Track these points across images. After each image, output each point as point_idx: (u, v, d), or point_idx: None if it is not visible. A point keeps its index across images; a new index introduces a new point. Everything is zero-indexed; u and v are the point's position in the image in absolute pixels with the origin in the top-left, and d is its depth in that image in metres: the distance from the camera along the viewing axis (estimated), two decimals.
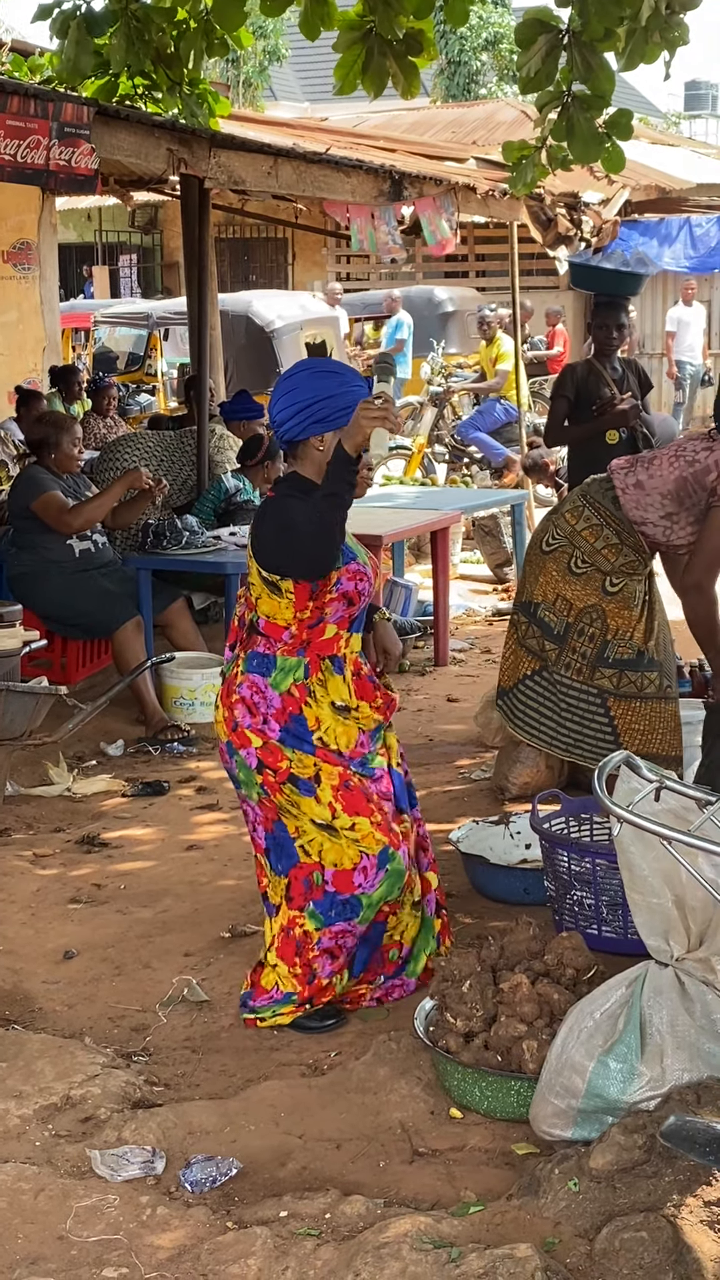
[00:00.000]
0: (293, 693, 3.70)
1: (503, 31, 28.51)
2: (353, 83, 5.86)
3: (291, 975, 3.76)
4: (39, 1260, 2.81)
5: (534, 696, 4.45)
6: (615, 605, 4.31)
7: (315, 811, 3.70)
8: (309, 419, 3.63)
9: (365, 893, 3.71)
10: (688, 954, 3.09)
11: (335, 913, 3.72)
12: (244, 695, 3.72)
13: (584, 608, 4.34)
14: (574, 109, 5.93)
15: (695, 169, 16.34)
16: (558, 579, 4.37)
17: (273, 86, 29.98)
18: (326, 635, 3.71)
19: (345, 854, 3.69)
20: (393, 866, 3.72)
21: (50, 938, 4.43)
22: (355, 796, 3.70)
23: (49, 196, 11.56)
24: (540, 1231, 2.73)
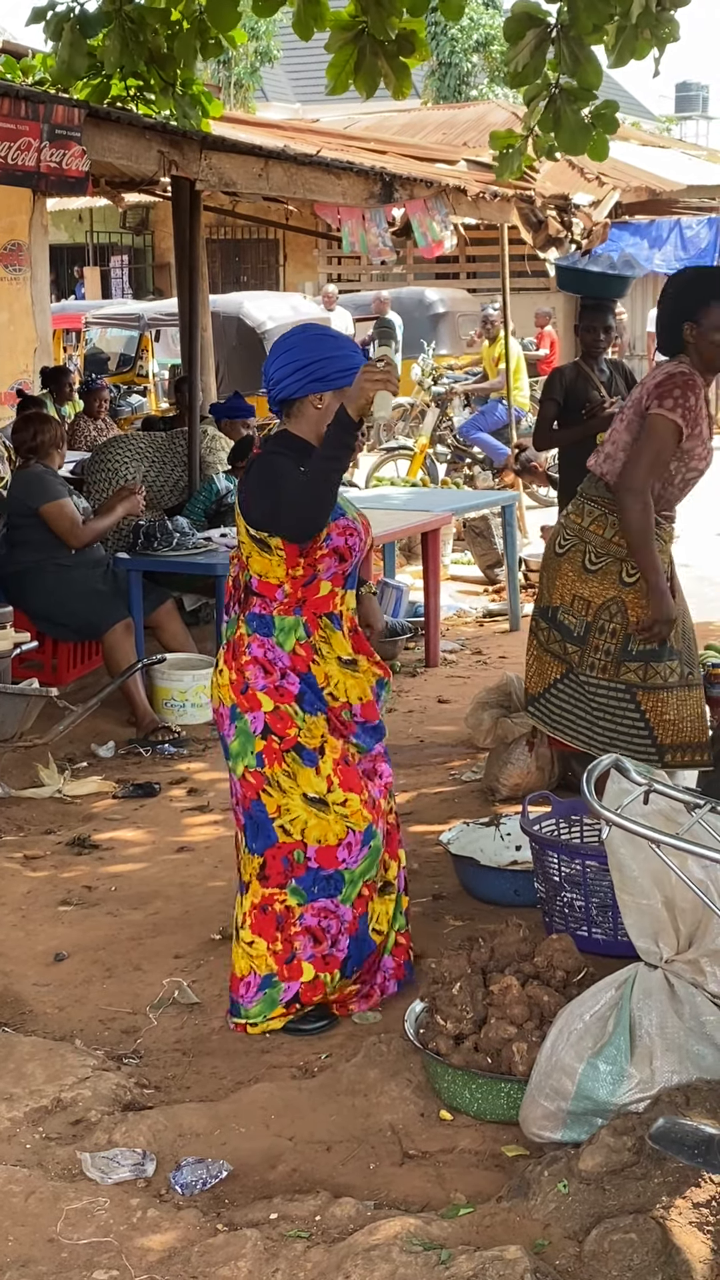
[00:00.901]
0: (299, 651, 3.70)
1: (494, 33, 28.54)
2: (345, 82, 5.89)
3: (270, 953, 3.74)
4: (29, 1263, 2.81)
5: (565, 700, 4.44)
6: (634, 595, 4.28)
7: (312, 784, 3.70)
8: (308, 377, 3.64)
9: (349, 868, 3.72)
10: (677, 956, 3.09)
11: (319, 889, 3.73)
12: (257, 655, 3.70)
13: (602, 603, 4.31)
14: (561, 101, 5.97)
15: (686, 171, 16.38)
16: (574, 579, 4.36)
17: (264, 88, 29.99)
18: (321, 593, 3.71)
19: (331, 829, 3.70)
20: (375, 844, 3.76)
21: (41, 940, 4.42)
22: (351, 773, 3.73)
23: (40, 198, 11.54)
24: (530, 1233, 2.74)
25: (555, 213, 10.70)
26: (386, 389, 3.46)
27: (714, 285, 4.35)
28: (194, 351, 8.47)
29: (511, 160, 6.50)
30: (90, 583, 6.54)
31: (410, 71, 5.98)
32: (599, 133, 6.13)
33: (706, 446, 4.36)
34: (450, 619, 8.79)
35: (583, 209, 11.29)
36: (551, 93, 5.96)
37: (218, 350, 12.28)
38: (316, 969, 3.74)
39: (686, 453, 4.29)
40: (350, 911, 3.76)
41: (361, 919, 3.79)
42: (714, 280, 4.43)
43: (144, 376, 16.51)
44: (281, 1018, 3.78)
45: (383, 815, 3.82)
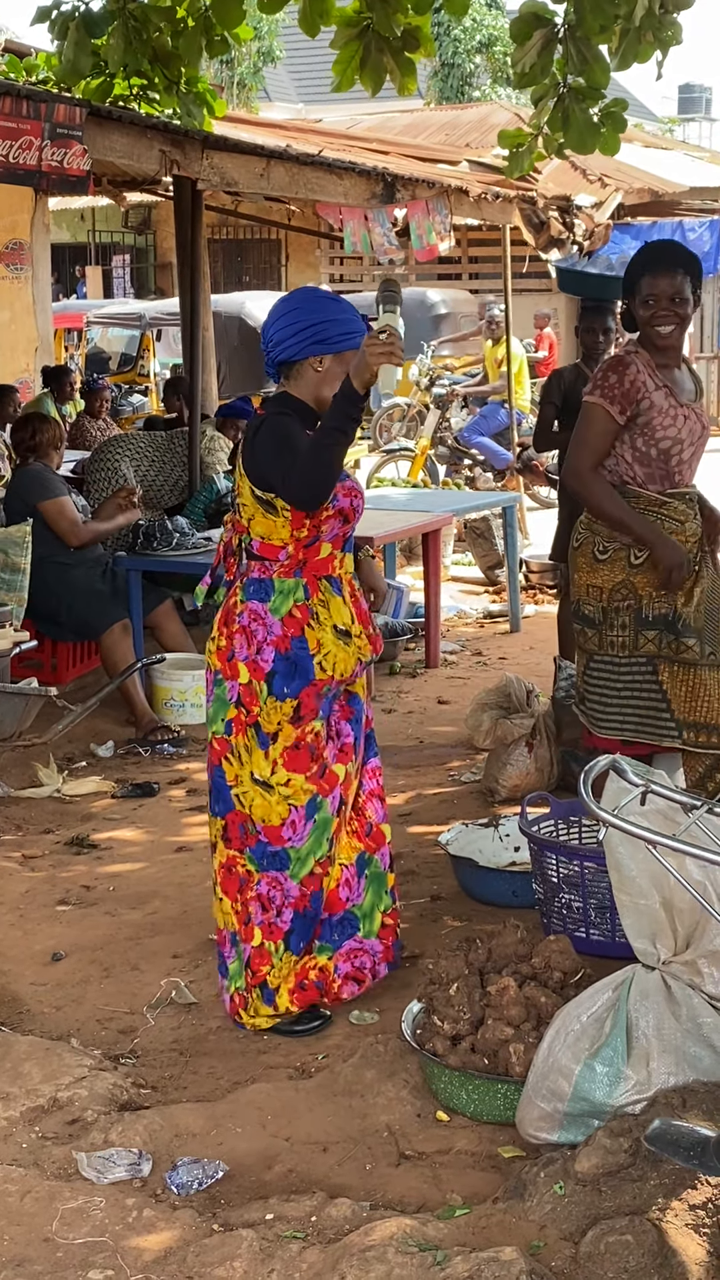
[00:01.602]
0: (294, 614, 3.68)
1: (497, 34, 28.56)
2: (351, 79, 5.90)
3: (234, 912, 3.79)
4: (25, 1262, 2.80)
5: (596, 689, 4.42)
6: (643, 576, 4.27)
7: (259, 766, 3.72)
8: (310, 339, 3.63)
9: (294, 845, 3.73)
10: (674, 957, 3.09)
11: (267, 861, 3.75)
12: (244, 623, 3.70)
13: (613, 588, 4.31)
14: (570, 100, 5.98)
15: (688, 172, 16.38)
16: (587, 570, 4.37)
17: (267, 88, 29.99)
18: (322, 554, 3.70)
19: (274, 810, 3.72)
20: (320, 816, 3.74)
21: (39, 939, 4.42)
22: (300, 755, 3.71)
23: (42, 197, 11.56)
24: (526, 1235, 2.73)
25: (557, 214, 10.69)
26: (390, 361, 3.41)
27: (647, 259, 4.38)
28: (195, 351, 8.46)
29: (521, 159, 6.52)
30: (89, 582, 6.54)
31: (415, 67, 5.99)
32: (609, 130, 6.14)
33: (673, 414, 4.31)
34: (450, 620, 8.79)
35: (585, 210, 11.29)
36: (560, 92, 5.97)
37: (219, 350, 12.29)
38: (263, 935, 3.76)
39: (644, 425, 4.28)
40: (296, 888, 3.76)
41: (314, 896, 3.78)
42: (649, 252, 4.44)
43: (145, 376, 16.52)
44: (269, 1018, 3.78)
45: (336, 782, 3.78)
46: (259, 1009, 3.78)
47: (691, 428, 4.34)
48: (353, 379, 3.46)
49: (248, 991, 3.79)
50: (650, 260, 4.36)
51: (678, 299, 4.30)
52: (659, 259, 4.36)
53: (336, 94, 6.32)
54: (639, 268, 4.35)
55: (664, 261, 4.34)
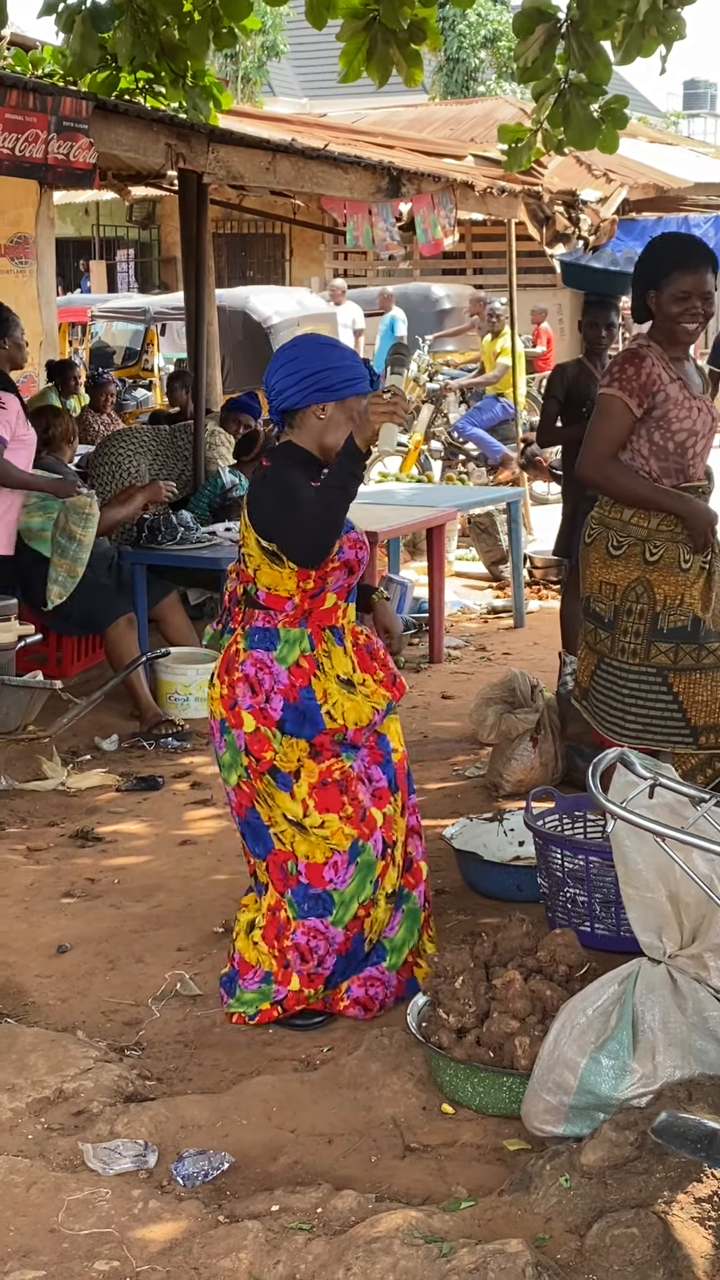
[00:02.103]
0: (301, 664, 3.68)
1: (501, 29, 28.54)
2: (357, 70, 5.91)
3: (271, 955, 3.78)
4: (31, 1253, 2.81)
5: (602, 690, 4.39)
6: (659, 574, 4.25)
7: (288, 807, 3.70)
8: (311, 387, 3.63)
9: (337, 888, 3.71)
10: (680, 951, 3.09)
11: (308, 906, 3.72)
12: (247, 673, 3.68)
13: (628, 585, 4.26)
14: (571, 96, 5.98)
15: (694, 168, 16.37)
16: (600, 566, 4.33)
17: (271, 82, 29.96)
18: (326, 605, 3.70)
19: (316, 849, 3.71)
20: (363, 859, 3.72)
21: (44, 932, 4.43)
22: (330, 792, 3.69)
23: (46, 190, 11.54)
24: (531, 1227, 2.74)
25: (563, 209, 10.69)
26: (393, 421, 3.45)
27: (677, 252, 4.33)
28: (200, 346, 8.46)
29: (520, 154, 6.52)
30: (95, 576, 6.53)
31: (422, 59, 5.99)
32: (608, 127, 6.13)
33: (687, 407, 4.31)
34: (454, 615, 8.78)
35: (590, 205, 11.29)
36: (561, 88, 5.97)
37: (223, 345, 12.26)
38: (302, 984, 3.75)
39: (661, 419, 4.27)
40: (341, 934, 3.74)
41: (356, 939, 3.77)
42: (679, 247, 4.40)
43: (149, 370, 16.50)
44: (272, 1014, 3.78)
45: (376, 825, 3.76)
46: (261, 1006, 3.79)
47: (705, 420, 4.34)
48: (355, 437, 3.50)
49: (262, 1019, 3.78)
50: (682, 255, 4.30)
51: (708, 296, 4.30)
52: (690, 254, 4.31)
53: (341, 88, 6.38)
54: (669, 262, 4.28)
55: (695, 257, 4.30)
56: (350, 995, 3.81)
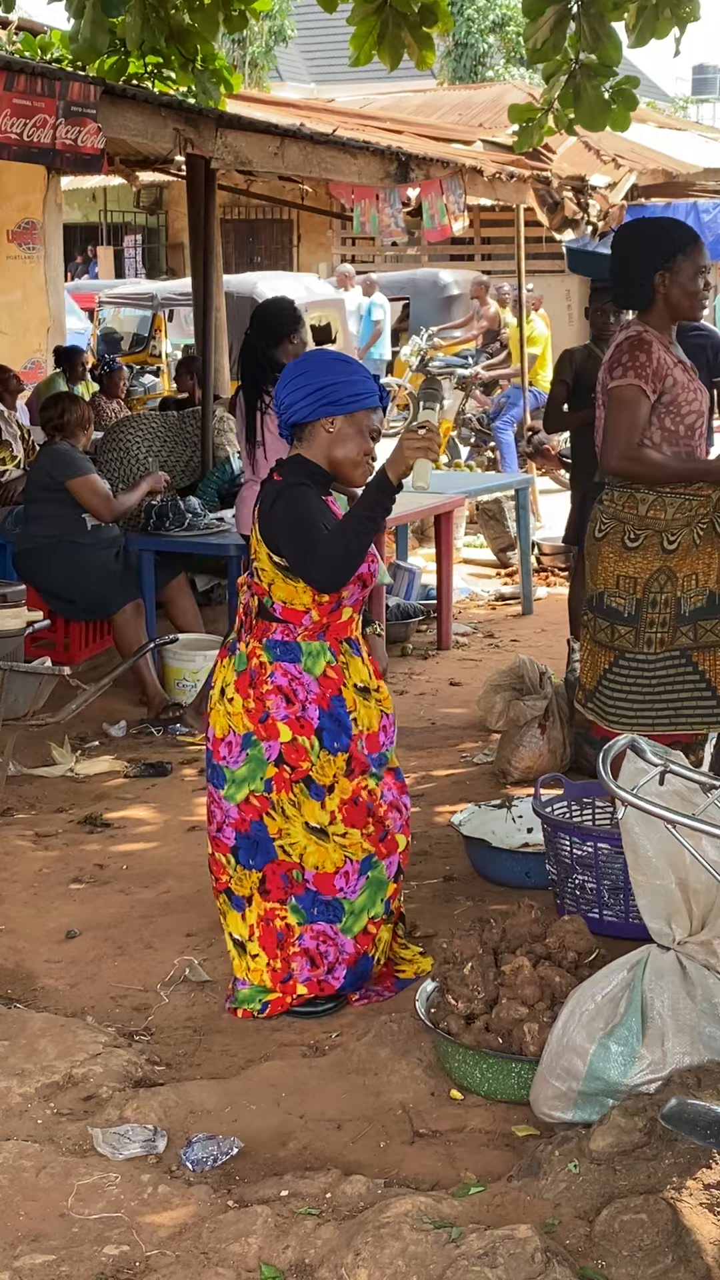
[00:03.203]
0: (329, 674, 3.68)
1: (510, 13, 28.42)
2: (368, 54, 5.90)
3: (269, 969, 3.74)
4: (41, 1237, 2.82)
5: (619, 686, 4.31)
6: (678, 559, 4.22)
7: (315, 815, 3.69)
8: (320, 401, 3.63)
9: (347, 898, 3.71)
10: (690, 937, 3.09)
11: (318, 911, 3.72)
12: (280, 684, 3.67)
13: (650, 577, 4.22)
14: (581, 77, 5.97)
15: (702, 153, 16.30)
16: (615, 560, 4.27)
17: (279, 67, 29.88)
18: (343, 618, 3.71)
19: (329, 857, 3.70)
20: (374, 874, 3.73)
21: (52, 917, 4.43)
22: (359, 811, 3.70)
23: (54, 176, 11.54)
24: (540, 1213, 2.74)
25: (571, 194, 10.65)
26: (427, 457, 3.47)
27: (683, 231, 4.35)
28: (207, 332, 8.45)
29: (531, 134, 6.52)
30: (103, 561, 6.54)
31: (433, 41, 5.99)
32: (619, 108, 6.13)
33: (692, 389, 4.30)
34: (462, 602, 8.78)
35: (599, 191, 11.25)
36: (571, 69, 5.97)
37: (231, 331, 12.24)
38: (311, 990, 3.74)
39: (671, 403, 4.25)
40: (352, 944, 3.73)
41: (364, 958, 3.76)
42: (680, 227, 4.41)
43: (157, 357, 16.48)
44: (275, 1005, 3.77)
45: (395, 849, 3.76)
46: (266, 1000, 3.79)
47: (704, 401, 4.33)
48: (388, 470, 3.52)
49: (277, 1007, 3.76)
50: (687, 233, 4.32)
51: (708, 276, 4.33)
52: (692, 232, 4.34)
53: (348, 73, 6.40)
54: (679, 241, 4.27)
55: (696, 235, 4.33)
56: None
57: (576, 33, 5.85)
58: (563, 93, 6.10)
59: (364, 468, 3.69)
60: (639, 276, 4.31)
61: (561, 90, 6.10)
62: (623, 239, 4.45)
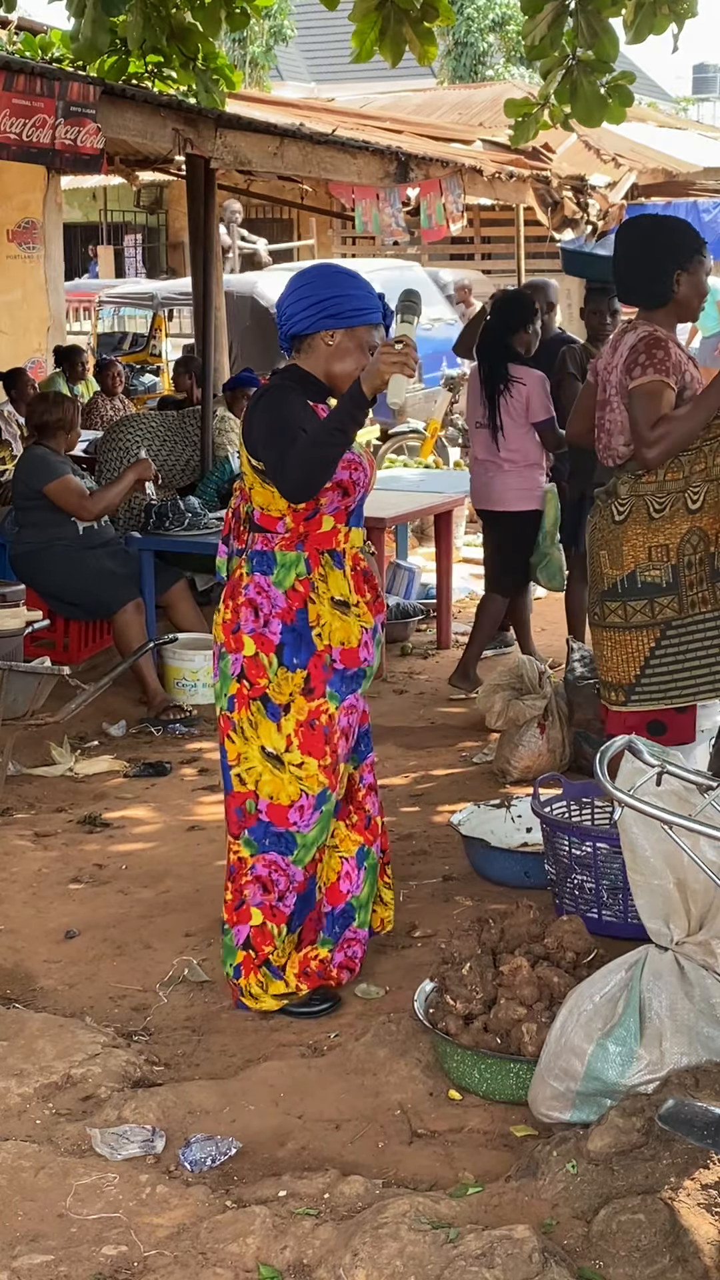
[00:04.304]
0: (297, 588, 3.67)
1: (510, 13, 28.39)
2: (370, 50, 5.90)
3: (224, 902, 3.80)
4: (39, 1237, 2.82)
5: (672, 659, 4.25)
6: (706, 518, 4.21)
7: (271, 739, 3.69)
8: (322, 313, 3.62)
9: (300, 831, 3.72)
10: (688, 938, 3.09)
11: (269, 842, 3.74)
12: (251, 596, 3.69)
13: (681, 540, 4.20)
14: (578, 72, 5.99)
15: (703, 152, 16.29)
16: (644, 534, 4.23)
17: (278, 67, 29.86)
18: (324, 528, 3.67)
19: (285, 789, 3.70)
20: (326, 808, 3.75)
21: (52, 917, 4.44)
22: (315, 736, 3.69)
23: (54, 175, 11.55)
24: (538, 1213, 2.74)
25: (571, 194, 10.65)
26: (403, 372, 3.41)
27: (696, 233, 4.37)
28: (208, 331, 8.45)
29: (527, 127, 6.52)
30: (100, 562, 6.53)
31: (435, 36, 6.00)
32: (615, 103, 6.14)
33: (701, 385, 4.32)
34: (462, 601, 8.76)
35: (599, 190, 11.25)
36: (568, 64, 5.98)
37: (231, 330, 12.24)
38: (265, 915, 3.76)
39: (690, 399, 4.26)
40: (301, 873, 3.77)
41: (310, 880, 3.81)
42: (690, 228, 4.43)
43: (157, 356, 16.48)
44: (277, 998, 3.78)
45: (339, 779, 3.78)
46: (269, 985, 3.78)
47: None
48: (363, 383, 3.46)
49: (246, 975, 3.78)
50: (698, 235, 4.35)
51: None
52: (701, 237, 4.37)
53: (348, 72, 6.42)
54: (696, 241, 4.30)
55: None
56: (335, 963, 3.84)
57: (574, 29, 5.87)
58: (559, 88, 6.11)
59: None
60: (659, 274, 4.28)
61: (558, 86, 6.11)
62: (639, 235, 4.41)
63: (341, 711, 3.74)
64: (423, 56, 6.05)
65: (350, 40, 6.07)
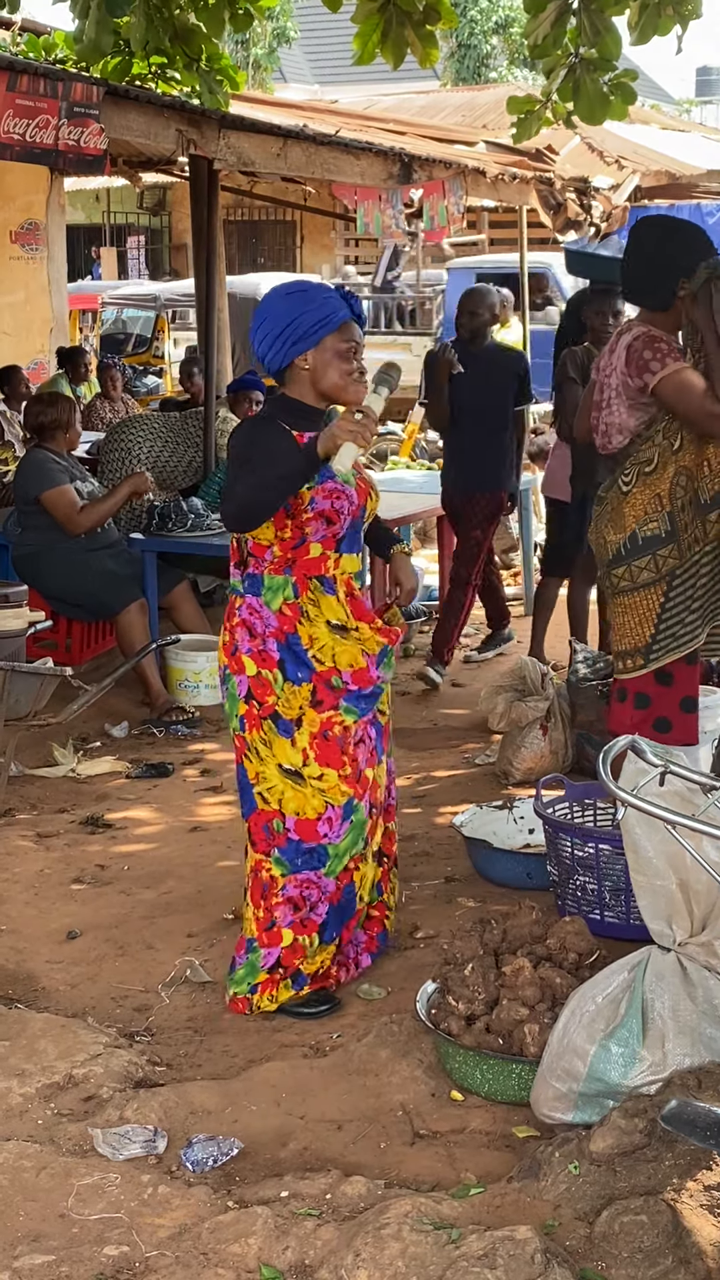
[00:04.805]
0: (285, 611, 3.68)
1: (513, 15, 28.41)
2: (372, 52, 5.91)
3: (254, 919, 3.78)
4: (40, 1238, 2.82)
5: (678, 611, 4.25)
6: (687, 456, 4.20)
7: (287, 755, 3.69)
8: (286, 342, 3.63)
9: (331, 843, 3.72)
10: (690, 938, 3.09)
11: (301, 860, 3.73)
12: (244, 618, 3.71)
13: (670, 485, 4.22)
14: (581, 71, 5.99)
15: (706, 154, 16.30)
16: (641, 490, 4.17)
17: (282, 68, 29.89)
18: (312, 554, 3.68)
19: (309, 803, 3.70)
20: (357, 818, 3.74)
21: (54, 918, 4.43)
22: (331, 747, 3.69)
23: (57, 177, 11.55)
24: (540, 1214, 2.74)
25: (574, 195, 10.65)
26: (355, 442, 3.45)
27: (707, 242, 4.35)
28: (210, 333, 8.45)
29: (530, 125, 6.53)
30: (103, 563, 6.53)
31: (437, 39, 6.01)
32: (618, 101, 6.15)
33: None
34: None
35: (602, 192, 11.25)
36: (571, 63, 5.99)
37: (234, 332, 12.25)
38: (295, 933, 3.75)
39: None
40: (333, 883, 3.76)
41: (347, 889, 3.79)
42: (703, 236, 4.42)
43: (160, 357, 16.49)
44: (273, 999, 3.77)
45: (369, 786, 3.78)
46: (279, 995, 3.78)
47: None
48: (318, 443, 3.49)
49: (263, 992, 3.77)
50: (710, 245, 4.32)
51: None
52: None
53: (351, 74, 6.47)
54: (704, 251, 4.27)
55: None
56: (334, 961, 3.84)
57: (577, 27, 5.88)
58: (562, 86, 6.12)
59: (355, 385, 3.66)
60: (665, 279, 4.26)
61: (561, 84, 6.11)
62: (652, 236, 4.39)
63: (359, 725, 3.75)
64: (424, 59, 6.06)
65: (352, 42, 6.07)
